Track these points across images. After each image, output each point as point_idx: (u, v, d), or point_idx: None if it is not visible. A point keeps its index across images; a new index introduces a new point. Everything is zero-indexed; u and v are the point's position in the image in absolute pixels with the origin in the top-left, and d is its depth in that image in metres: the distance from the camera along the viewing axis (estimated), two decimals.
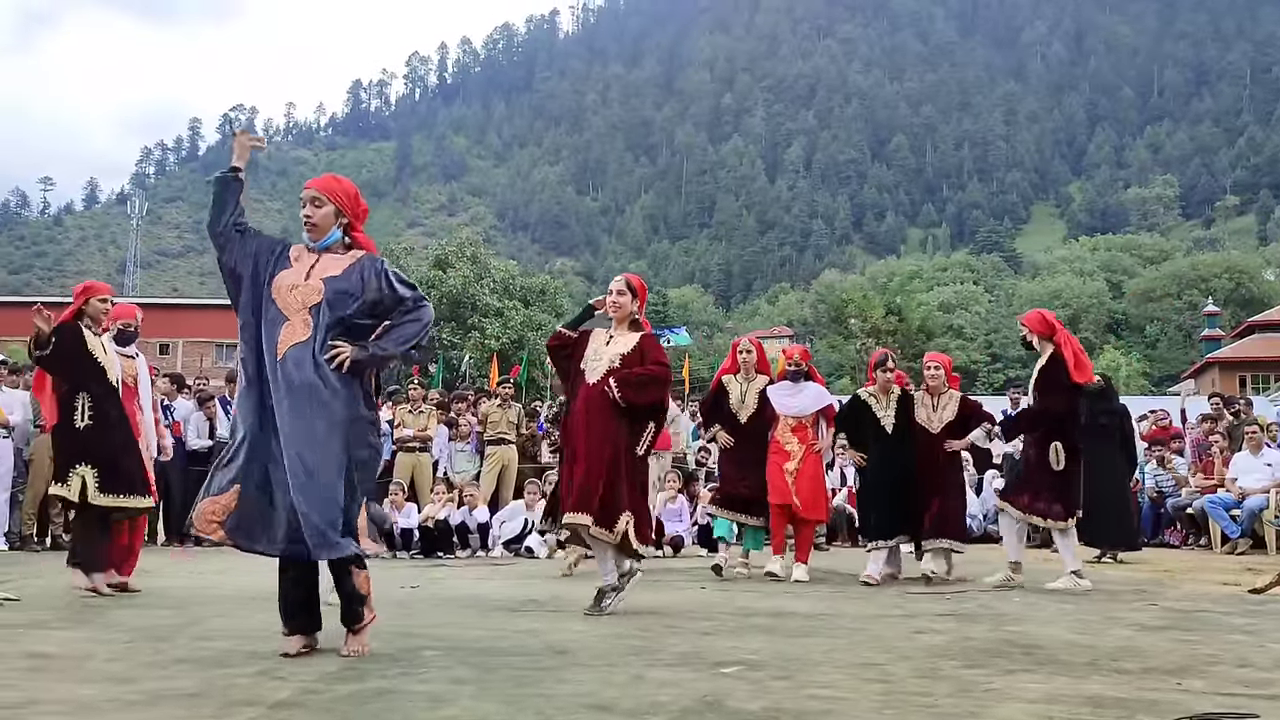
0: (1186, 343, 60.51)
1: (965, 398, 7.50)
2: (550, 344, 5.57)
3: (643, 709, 2.83)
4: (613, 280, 5.59)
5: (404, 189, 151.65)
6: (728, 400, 7.78)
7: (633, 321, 5.44)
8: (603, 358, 5.29)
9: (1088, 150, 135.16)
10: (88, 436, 5.94)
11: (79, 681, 3.19)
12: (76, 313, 6.13)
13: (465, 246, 32.91)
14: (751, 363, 7.88)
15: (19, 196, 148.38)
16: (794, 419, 7.56)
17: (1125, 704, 2.96)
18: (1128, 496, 9.99)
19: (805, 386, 7.68)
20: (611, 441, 5.15)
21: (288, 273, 3.82)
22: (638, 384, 5.21)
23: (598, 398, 5.19)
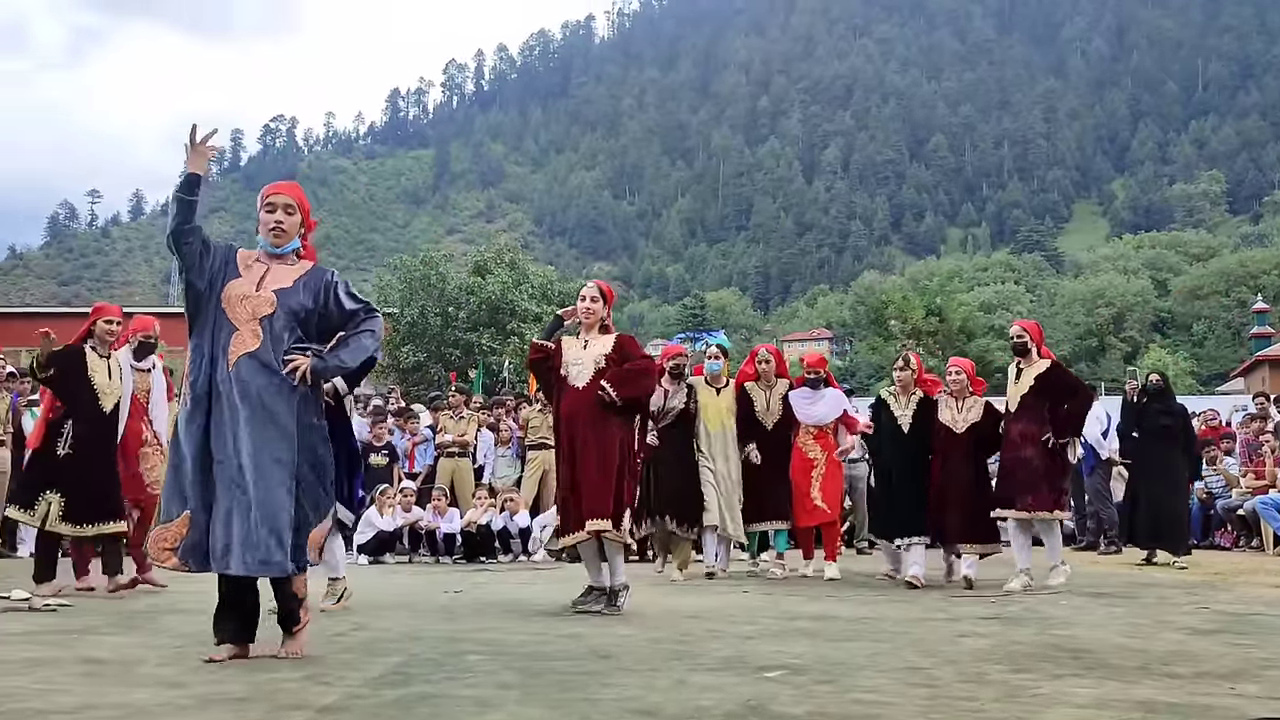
0: (1235, 341, 59.49)
1: (990, 404, 7.42)
2: (532, 358, 5.70)
3: (687, 714, 2.83)
4: (584, 288, 5.70)
5: (442, 196, 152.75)
6: (753, 408, 7.89)
7: (602, 326, 5.58)
8: (585, 361, 5.40)
9: (1131, 147, 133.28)
10: (64, 465, 6.14)
11: (132, 686, 3.25)
12: (86, 334, 6.35)
13: (503, 253, 33.05)
14: (771, 371, 8.00)
15: (67, 209, 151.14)
16: (815, 426, 7.80)
17: (1178, 709, 2.92)
18: (1186, 500, 9.84)
19: (824, 394, 7.87)
20: (615, 445, 5.28)
21: (238, 282, 3.80)
22: (630, 379, 5.32)
23: (590, 403, 5.29)
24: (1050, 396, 6.89)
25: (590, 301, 5.56)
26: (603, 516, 5.17)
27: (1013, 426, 7.00)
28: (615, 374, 5.31)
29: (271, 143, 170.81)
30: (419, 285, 30.88)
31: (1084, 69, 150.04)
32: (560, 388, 5.46)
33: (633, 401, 5.38)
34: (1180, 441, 9.34)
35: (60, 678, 3.38)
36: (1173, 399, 9.69)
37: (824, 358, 8.58)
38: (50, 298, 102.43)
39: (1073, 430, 7.10)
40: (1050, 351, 7.28)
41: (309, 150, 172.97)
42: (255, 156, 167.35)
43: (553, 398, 5.64)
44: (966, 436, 7.20)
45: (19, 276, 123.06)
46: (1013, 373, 7.18)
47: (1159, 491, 9.01)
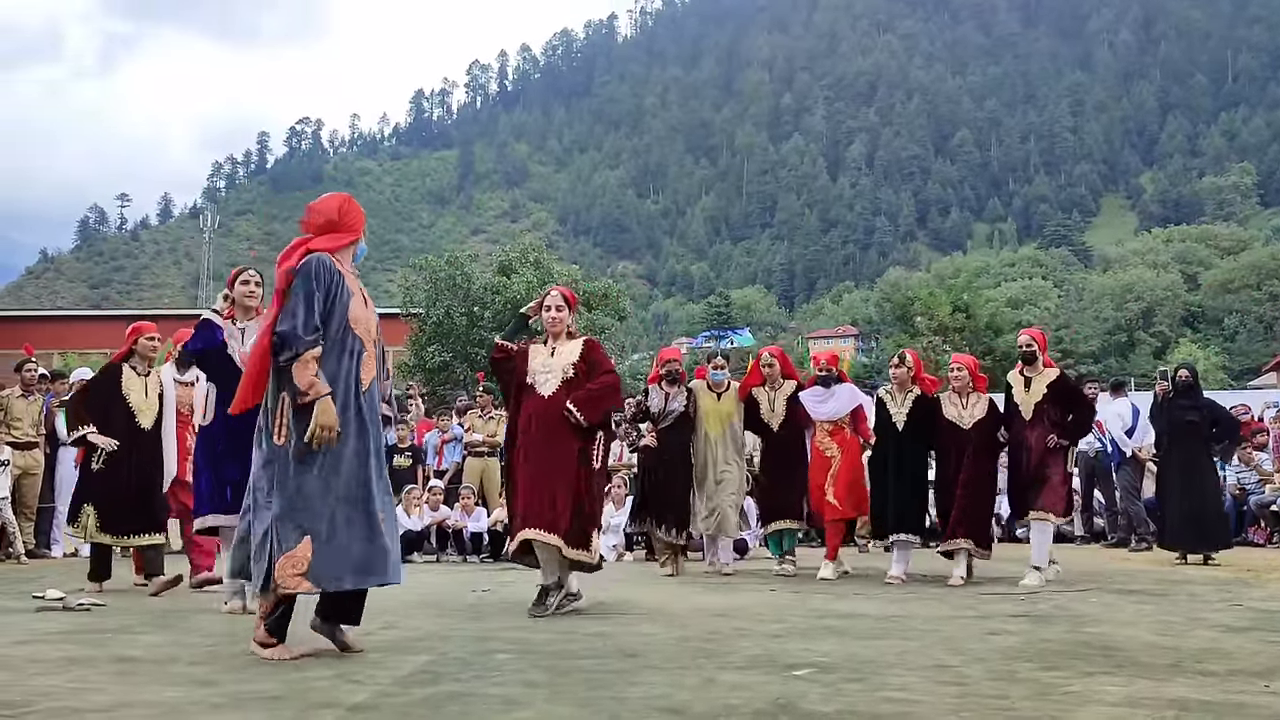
0: (1267, 335, 58.75)
1: (993, 401, 7.53)
2: (494, 357, 5.64)
3: (715, 712, 2.83)
4: (547, 296, 5.58)
5: (467, 196, 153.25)
6: (758, 411, 7.95)
7: (568, 332, 5.53)
8: (553, 369, 5.35)
9: (1159, 139, 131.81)
10: (97, 479, 6.46)
11: (165, 684, 3.28)
12: (127, 352, 6.58)
13: (528, 252, 33.12)
14: (776, 373, 8.05)
15: (97, 213, 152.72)
16: (830, 423, 7.79)
17: (1211, 707, 2.89)
18: (1218, 495, 9.70)
19: (836, 390, 7.86)
20: (574, 458, 5.21)
21: (356, 300, 3.90)
22: (596, 400, 5.26)
23: (554, 412, 5.22)
24: (1061, 404, 7.14)
25: (555, 311, 5.48)
26: (543, 528, 5.10)
27: (1029, 435, 7.13)
28: (580, 396, 5.23)
29: (297, 145, 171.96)
30: (444, 285, 30.99)
31: (1111, 61, 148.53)
32: (524, 393, 5.39)
33: (599, 422, 5.33)
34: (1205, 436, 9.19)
35: (94, 676, 3.43)
36: (1200, 394, 9.56)
37: (836, 355, 8.56)
38: (81, 300, 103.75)
39: (1079, 437, 7.53)
40: (1051, 360, 7.50)
41: (334, 152, 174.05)
42: (281, 159, 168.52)
43: (510, 399, 5.56)
44: (974, 433, 7.28)
45: (50, 280, 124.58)
46: (1019, 382, 7.30)
47: (1187, 489, 8.92)
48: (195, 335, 5.48)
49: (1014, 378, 7.38)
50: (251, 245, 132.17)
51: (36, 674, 3.46)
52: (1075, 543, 12.28)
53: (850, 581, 7.36)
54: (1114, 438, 11.05)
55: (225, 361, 5.36)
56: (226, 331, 5.41)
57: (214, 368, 5.45)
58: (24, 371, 9.85)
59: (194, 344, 5.49)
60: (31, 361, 10.03)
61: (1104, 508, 12.06)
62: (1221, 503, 10.02)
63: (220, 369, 5.39)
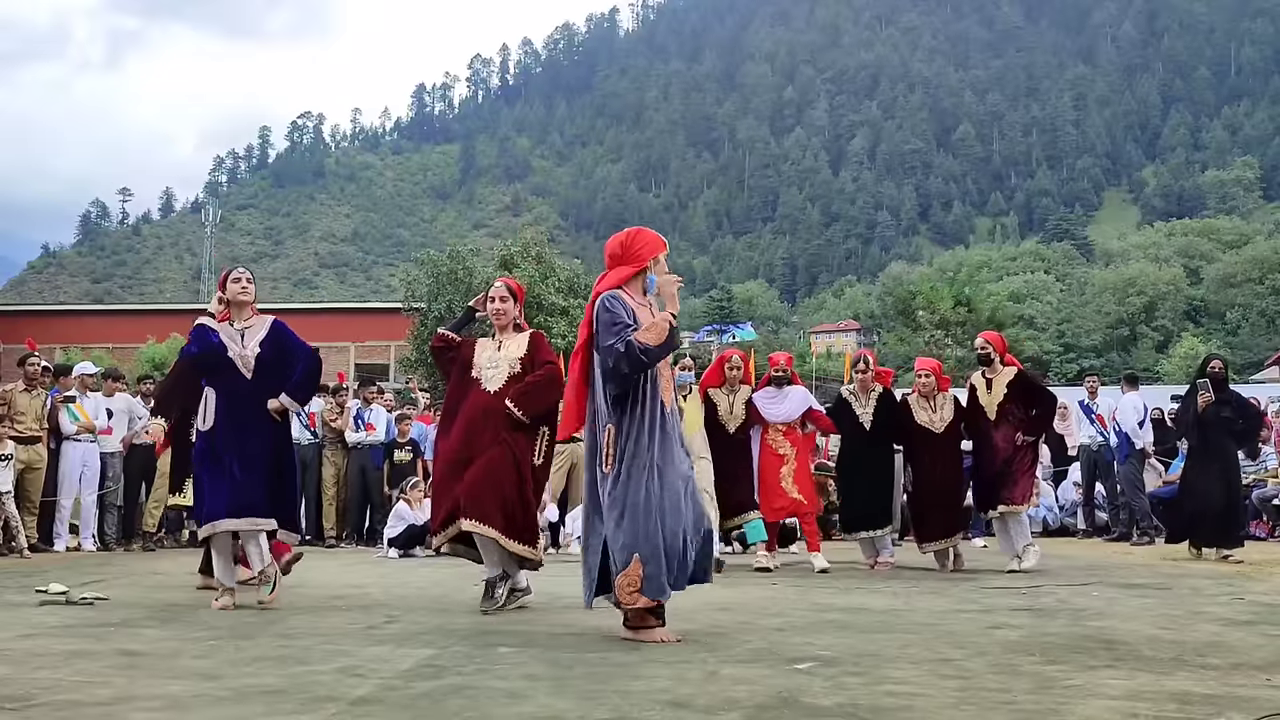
0: (1270, 329, 58.69)
1: (956, 398, 7.82)
2: (434, 345, 5.57)
3: (718, 705, 2.83)
4: (492, 288, 5.51)
5: (468, 191, 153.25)
6: (715, 413, 7.98)
7: (515, 325, 5.43)
8: (499, 364, 5.24)
9: (1162, 133, 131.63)
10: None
11: (169, 678, 3.29)
12: None
13: (530, 247, 33.10)
14: (738, 377, 8.08)
15: (99, 208, 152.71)
16: (782, 424, 7.92)
17: (1213, 700, 2.89)
18: (1240, 491, 9.53)
19: (789, 392, 7.98)
20: (516, 455, 5.10)
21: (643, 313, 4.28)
22: (535, 393, 5.16)
23: (498, 409, 5.12)
24: (1022, 401, 7.40)
25: (499, 302, 5.38)
26: (482, 520, 4.98)
27: (995, 434, 7.41)
28: (519, 391, 5.13)
29: (299, 139, 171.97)
30: (446, 280, 30.99)
31: (1114, 55, 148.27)
32: (467, 386, 5.28)
33: (540, 417, 5.23)
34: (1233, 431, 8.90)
35: (97, 670, 3.43)
36: (1228, 387, 9.32)
37: (791, 357, 8.72)
38: (84, 295, 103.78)
39: (1043, 430, 7.88)
40: (1014, 359, 7.77)
41: (336, 146, 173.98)
42: (283, 154, 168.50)
43: (449, 391, 5.47)
44: (946, 436, 7.63)
45: (52, 274, 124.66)
46: (981, 383, 7.57)
47: (1218, 485, 8.63)
48: (191, 339, 5.45)
49: (977, 379, 7.68)
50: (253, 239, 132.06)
51: (39, 667, 3.47)
52: (1077, 536, 12.30)
53: (852, 576, 7.38)
54: (1123, 431, 10.98)
55: (223, 364, 5.34)
56: (223, 334, 5.39)
57: (212, 371, 5.40)
58: (27, 366, 9.85)
59: (191, 348, 5.45)
60: (35, 356, 10.03)
61: (1106, 501, 12.06)
62: (1243, 498, 10.00)
63: (218, 372, 5.36)
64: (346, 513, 11.68)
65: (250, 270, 5.69)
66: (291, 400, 5.44)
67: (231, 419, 5.28)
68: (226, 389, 5.32)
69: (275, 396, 5.35)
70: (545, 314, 30.99)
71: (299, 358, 5.49)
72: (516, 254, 32.63)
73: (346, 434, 11.59)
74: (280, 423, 5.46)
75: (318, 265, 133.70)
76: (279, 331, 5.51)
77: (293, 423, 7.53)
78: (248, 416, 5.29)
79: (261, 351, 5.37)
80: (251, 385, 5.31)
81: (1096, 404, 11.85)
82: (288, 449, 5.60)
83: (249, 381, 5.31)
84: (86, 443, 10.09)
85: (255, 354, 5.35)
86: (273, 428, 5.40)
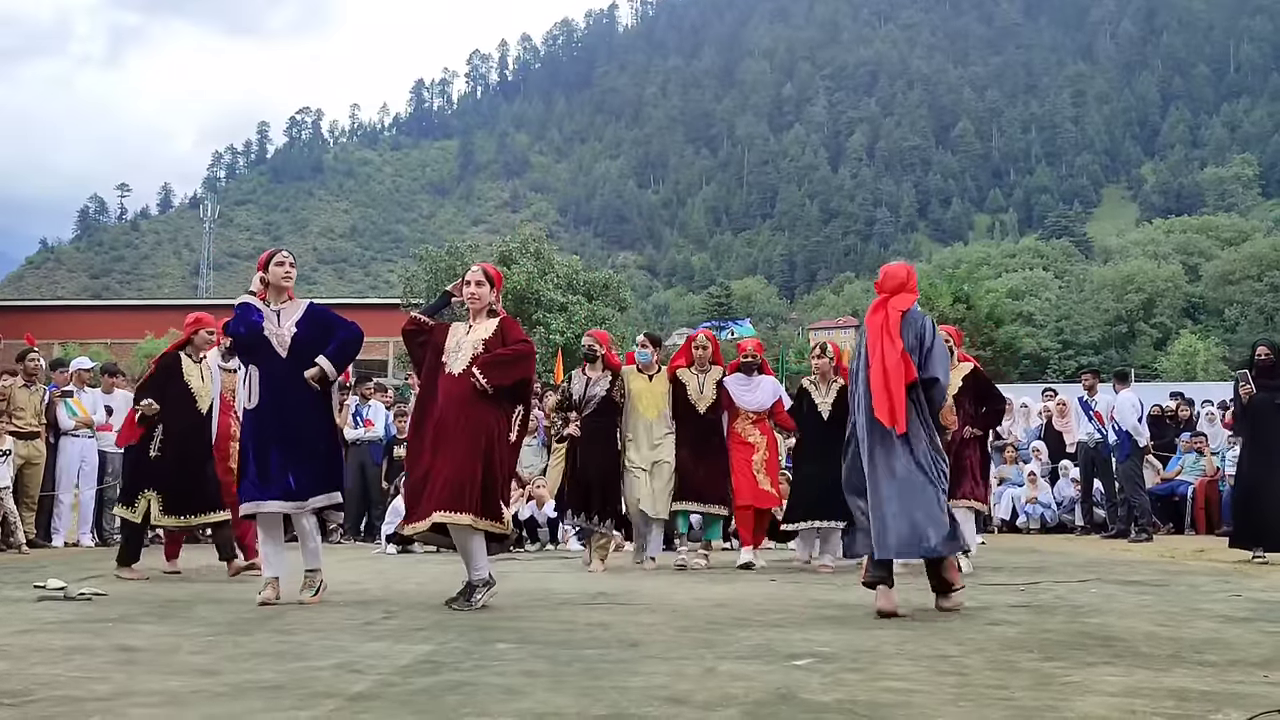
0: (1268, 326, 58.65)
1: None
2: (405, 328, 5.51)
3: (716, 701, 2.84)
4: (469, 272, 5.49)
5: (467, 187, 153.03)
6: (685, 393, 7.91)
7: (490, 310, 5.39)
8: (464, 348, 5.20)
9: (1161, 130, 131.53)
10: (157, 466, 6.72)
11: (167, 674, 3.29)
12: (185, 341, 6.93)
13: (528, 243, 33.09)
14: (706, 357, 8.03)
15: (97, 203, 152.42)
16: (754, 413, 7.91)
17: (1210, 697, 2.89)
18: None
19: (760, 380, 7.98)
20: (484, 432, 5.04)
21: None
22: (501, 364, 5.10)
23: (463, 390, 5.07)
24: (973, 396, 7.49)
25: (475, 286, 5.34)
26: (459, 510, 4.91)
27: None
28: (486, 359, 5.08)
29: (298, 135, 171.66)
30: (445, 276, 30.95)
31: (1113, 52, 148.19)
32: (436, 371, 5.25)
33: (505, 388, 5.14)
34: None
35: (96, 665, 3.43)
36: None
37: (760, 344, 8.73)
38: (82, 290, 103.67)
39: (991, 426, 8.08)
40: (967, 355, 7.90)
41: (334, 142, 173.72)
42: (281, 149, 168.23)
43: (421, 376, 5.45)
44: None
45: (50, 270, 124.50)
46: None
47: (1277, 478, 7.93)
48: (236, 318, 5.39)
49: None
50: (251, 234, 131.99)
51: (38, 663, 3.47)
52: (1075, 533, 12.31)
53: (851, 572, 7.37)
54: (1123, 428, 10.95)
55: (263, 343, 5.32)
56: (264, 313, 5.36)
57: (253, 349, 5.38)
58: (27, 361, 9.84)
59: (235, 326, 5.41)
60: (34, 352, 10.02)
61: (1104, 499, 12.07)
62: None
63: (259, 351, 5.34)
64: (345, 509, 11.67)
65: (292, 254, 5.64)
66: (329, 364, 5.31)
67: (271, 398, 5.28)
68: (265, 368, 5.32)
69: None
70: (544, 310, 30.99)
71: (339, 329, 5.45)
72: (515, 250, 32.61)
73: (345, 431, 11.59)
74: (320, 396, 5.37)
75: (316, 261, 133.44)
76: (316, 311, 5.50)
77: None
78: (284, 395, 5.27)
79: (298, 331, 5.35)
80: (288, 364, 5.29)
81: (1095, 401, 11.84)
82: (329, 424, 5.53)
83: (284, 361, 5.30)
84: (85, 438, 10.09)
85: (291, 333, 5.34)
86: (311, 404, 5.33)
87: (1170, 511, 12.62)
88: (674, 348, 9.48)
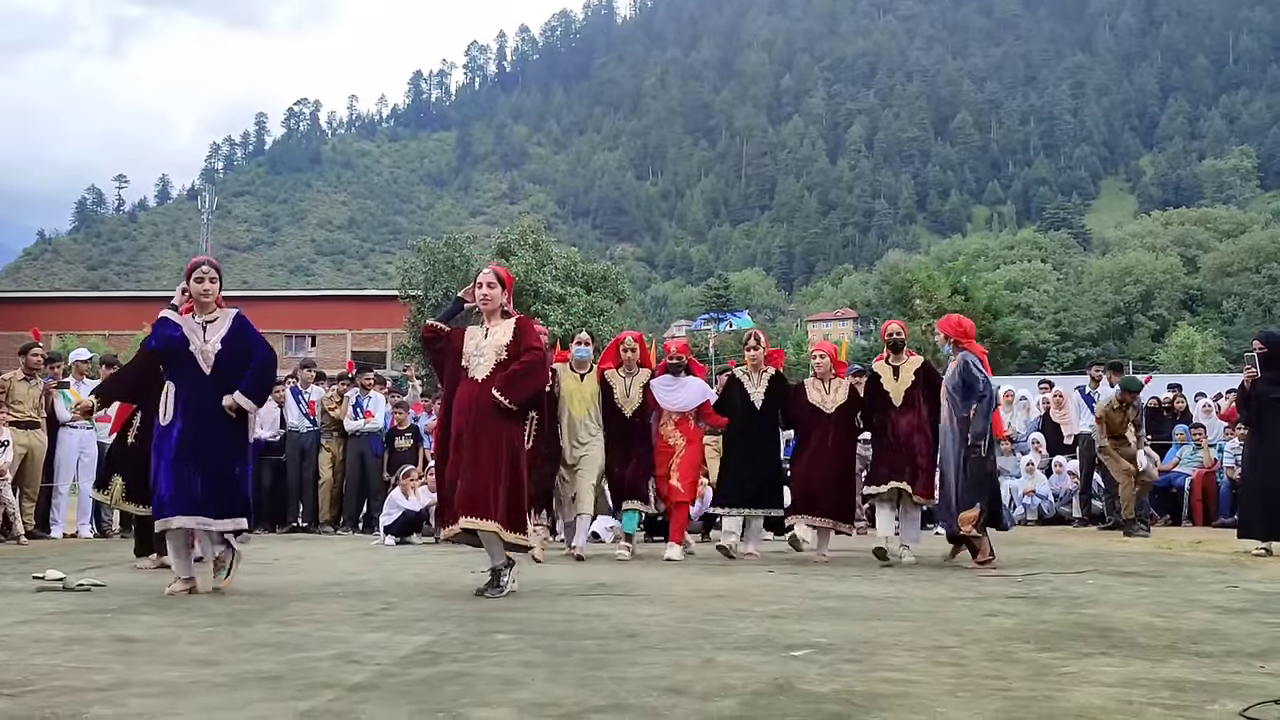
0: (1266, 318, 58.68)
1: (854, 386, 8.01)
2: (424, 336, 5.58)
3: (714, 692, 2.84)
4: (480, 274, 5.51)
5: (465, 178, 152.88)
6: (612, 395, 7.93)
7: (504, 312, 5.42)
8: (485, 352, 5.25)
9: (1160, 122, 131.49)
10: (131, 451, 6.75)
11: (166, 664, 3.29)
12: None
13: (527, 234, 33.10)
14: (634, 359, 8.02)
15: (95, 194, 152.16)
16: (677, 413, 7.91)
17: (1207, 687, 2.90)
18: None
19: (686, 381, 7.97)
20: (507, 442, 5.14)
21: None
22: (519, 380, 5.18)
23: (486, 399, 5.14)
24: (926, 390, 7.61)
25: (487, 288, 5.37)
26: (481, 515, 5.04)
27: (901, 419, 7.60)
28: (504, 379, 5.16)
29: (295, 126, 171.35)
30: (443, 267, 31.01)
31: (1112, 43, 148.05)
32: (458, 376, 5.30)
33: (527, 402, 5.29)
34: None
35: (95, 656, 3.44)
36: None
37: (687, 344, 8.79)
38: (80, 282, 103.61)
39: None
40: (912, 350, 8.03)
41: (332, 133, 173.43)
42: (279, 140, 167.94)
43: (444, 381, 5.48)
44: (836, 416, 7.77)
45: (49, 261, 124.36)
46: (888, 371, 7.77)
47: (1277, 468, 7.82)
48: (153, 333, 5.36)
49: (881, 367, 7.86)
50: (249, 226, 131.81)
51: (37, 654, 3.47)
52: (1073, 525, 12.33)
53: (848, 563, 7.40)
54: None
55: (184, 358, 5.27)
56: (185, 327, 5.32)
57: (174, 364, 5.32)
58: (30, 355, 9.83)
59: (152, 342, 5.38)
60: (38, 346, 10.01)
61: (1102, 490, 12.08)
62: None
63: (181, 366, 5.28)
64: (343, 500, 11.69)
65: (217, 266, 5.51)
66: (247, 401, 5.30)
67: (190, 414, 5.21)
68: (186, 383, 5.26)
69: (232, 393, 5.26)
70: (542, 301, 31.01)
71: (256, 352, 5.37)
72: (513, 241, 32.60)
73: (345, 422, 11.59)
74: (238, 419, 5.33)
75: (314, 252, 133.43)
76: (241, 326, 5.40)
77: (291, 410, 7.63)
78: (206, 412, 5.21)
79: (223, 349, 5.28)
80: (210, 381, 5.24)
81: (1097, 393, 11.85)
82: (243, 447, 5.45)
83: (208, 377, 5.24)
84: (83, 429, 10.08)
85: (216, 350, 5.27)
86: (230, 425, 5.29)
87: (1168, 503, 12.66)
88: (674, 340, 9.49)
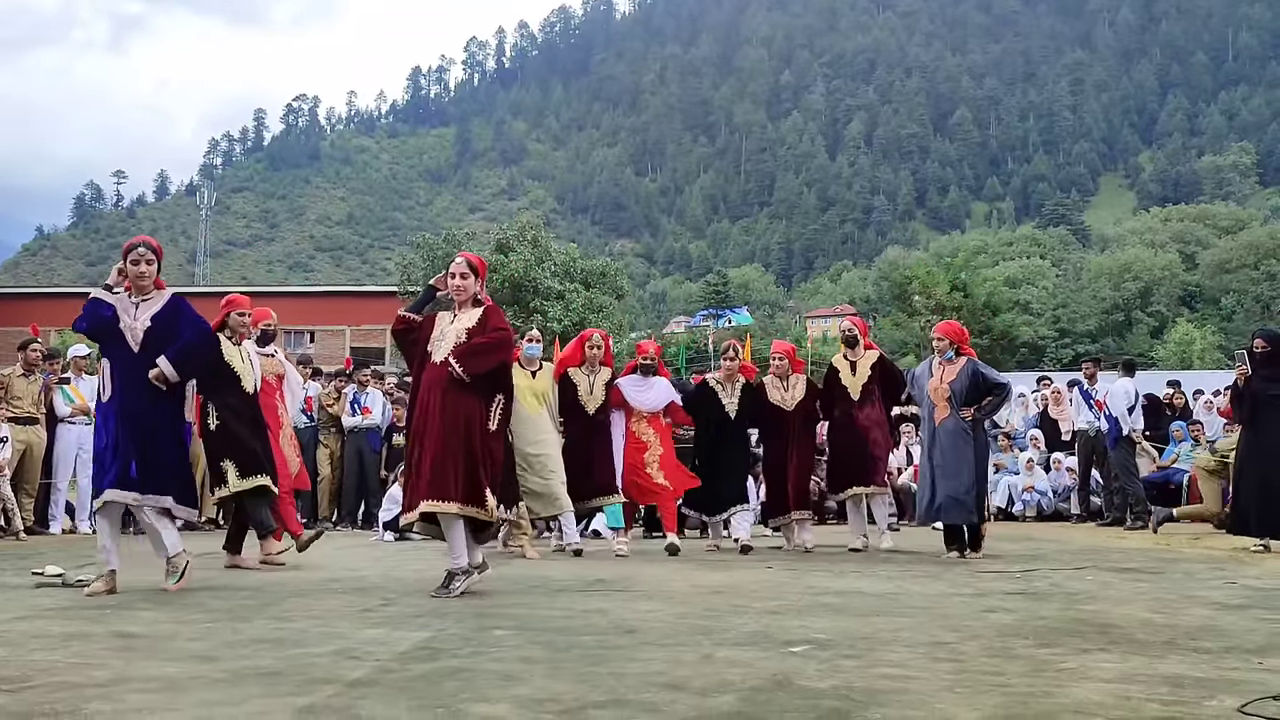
0: (1264, 315, 58.69)
1: (810, 381, 8.30)
2: (394, 328, 5.51)
3: (713, 688, 2.85)
4: (453, 264, 5.45)
5: (464, 174, 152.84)
6: (575, 393, 7.93)
7: (475, 300, 5.36)
8: (447, 336, 5.20)
9: (1159, 118, 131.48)
10: (220, 435, 6.54)
11: (165, 660, 3.29)
12: (220, 325, 6.66)
13: (526, 230, 33.06)
14: (598, 357, 8.04)
15: (94, 190, 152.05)
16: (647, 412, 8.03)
17: (1205, 683, 2.91)
18: None
19: (654, 382, 8.08)
20: (464, 422, 5.04)
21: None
22: (476, 353, 5.09)
23: (444, 378, 5.08)
24: (884, 384, 7.97)
25: (460, 278, 5.32)
26: (440, 498, 4.96)
27: (859, 413, 7.91)
28: (461, 349, 5.09)
29: (294, 122, 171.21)
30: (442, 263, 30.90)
31: (1111, 40, 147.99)
32: (422, 362, 5.25)
33: (481, 376, 5.12)
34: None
35: (94, 652, 3.44)
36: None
37: (658, 345, 8.90)
38: (79, 278, 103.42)
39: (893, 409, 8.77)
40: (873, 344, 8.36)
41: (331, 129, 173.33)
42: (278, 136, 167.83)
43: (413, 371, 5.44)
44: (796, 413, 8.10)
45: (47, 257, 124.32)
46: (845, 365, 8.07)
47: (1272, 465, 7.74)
48: (83, 314, 5.34)
49: (839, 361, 8.14)
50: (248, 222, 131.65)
51: (36, 649, 3.48)
52: (1072, 521, 12.34)
53: (847, 559, 7.41)
54: (1114, 415, 10.98)
55: (117, 336, 5.26)
56: (120, 306, 5.30)
57: (107, 342, 5.30)
58: (29, 351, 9.83)
59: (80, 324, 5.36)
60: (37, 341, 10.01)
61: (1101, 486, 12.09)
62: None
63: (113, 343, 5.27)
64: (342, 496, 11.69)
65: (156, 247, 5.49)
66: (169, 366, 5.19)
67: (123, 390, 5.22)
68: (118, 361, 5.26)
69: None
70: (541, 298, 30.98)
71: (186, 329, 5.34)
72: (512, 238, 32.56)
73: (343, 418, 11.59)
74: (169, 394, 5.29)
75: (313, 248, 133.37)
76: (175, 306, 5.38)
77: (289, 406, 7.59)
78: (135, 389, 5.20)
79: (152, 325, 5.26)
80: (139, 358, 5.22)
81: (1096, 389, 11.85)
82: (176, 421, 5.44)
83: (136, 355, 5.22)
84: (82, 425, 10.08)
85: (145, 327, 5.25)
86: (159, 400, 5.25)
87: (1166, 499, 12.65)
88: (673, 336, 9.57)
